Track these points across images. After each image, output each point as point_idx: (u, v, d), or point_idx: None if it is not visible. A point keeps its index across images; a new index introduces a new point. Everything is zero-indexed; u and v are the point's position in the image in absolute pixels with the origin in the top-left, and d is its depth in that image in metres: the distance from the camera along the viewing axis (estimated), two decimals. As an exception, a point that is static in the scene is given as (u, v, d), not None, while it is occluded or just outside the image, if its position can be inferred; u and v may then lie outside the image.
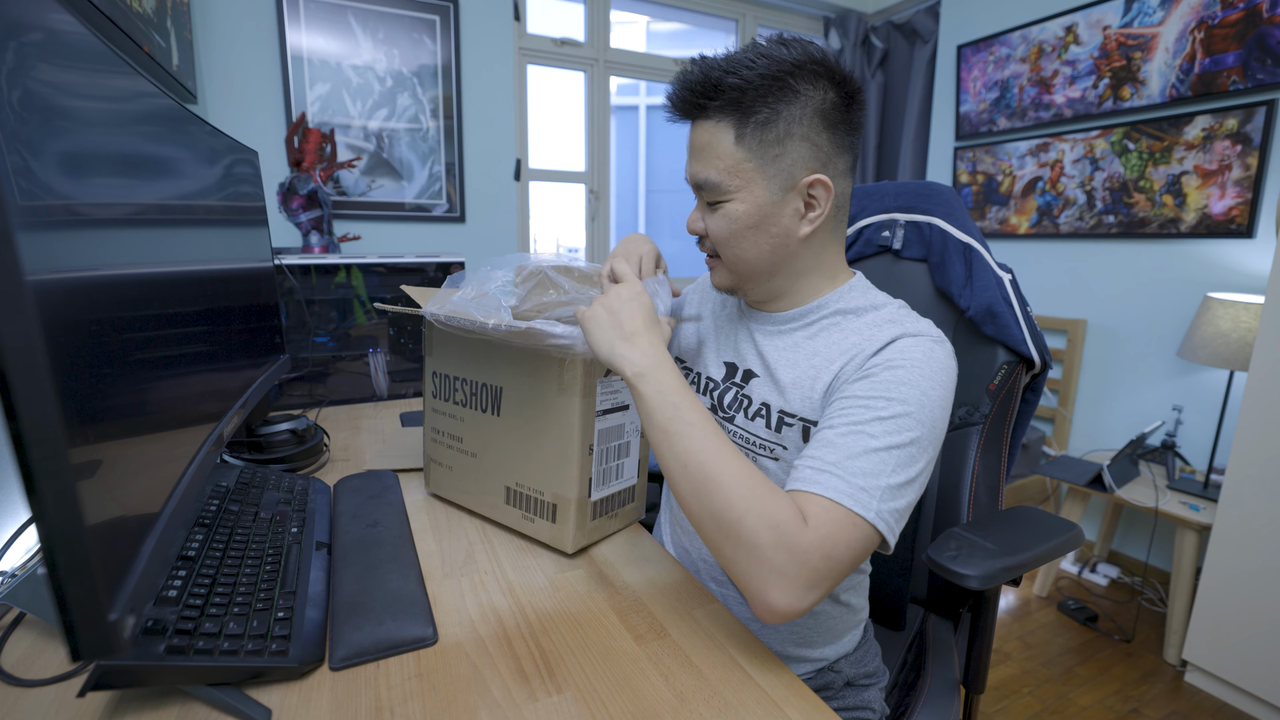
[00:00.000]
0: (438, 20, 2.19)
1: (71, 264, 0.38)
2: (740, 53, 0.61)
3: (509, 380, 0.73)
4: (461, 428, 0.79)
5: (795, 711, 0.48)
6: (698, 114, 0.63)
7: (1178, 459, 1.96)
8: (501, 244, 2.45)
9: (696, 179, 0.64)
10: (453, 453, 0.80)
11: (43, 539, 0.33)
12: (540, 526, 0.72)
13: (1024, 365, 0.87)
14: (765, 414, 0.68)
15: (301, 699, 0.48)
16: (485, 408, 0.75)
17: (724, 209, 0.64)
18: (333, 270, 1.48)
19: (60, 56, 0.41)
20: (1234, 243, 1.89)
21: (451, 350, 0.79)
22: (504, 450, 0.74)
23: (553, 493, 0.70)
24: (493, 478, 0.76)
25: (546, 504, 0.71)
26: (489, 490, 0.77)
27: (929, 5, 2.80)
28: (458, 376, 0.78)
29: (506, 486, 0.75)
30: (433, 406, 0.82)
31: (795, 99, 0.60)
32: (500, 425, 0.74)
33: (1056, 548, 0.73)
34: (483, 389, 0.75)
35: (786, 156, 0.61)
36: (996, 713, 1.53)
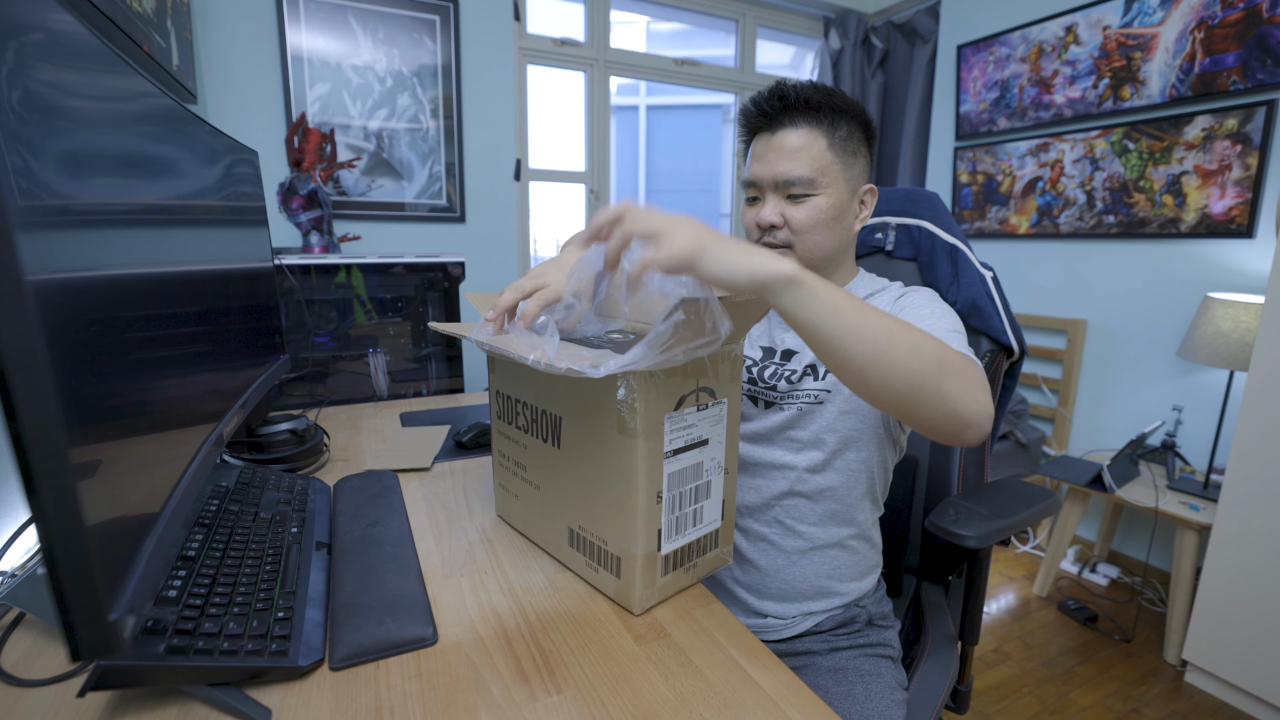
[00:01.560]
0: (438, 20, 2.19)
1: (71, 264, 0.38)
2: (821, 84, 0.78)
3: (568, 410, 0.63)
4: (525, 455, 0.71)
5: (795, 711, 0.48)
6: (792, 122, 0.76)
7: (1178, 459, 1.96)
8: (501, 244, 2.45)
9: (788, 175, 0.76)
10: (518, 480, 0.73)
11: (43, 539, 0.33)
12: (604, 579, 0.63)
13: (1004, 354, 0.96)
14: (812, 371, 0.79)
15: (301, 699, 0.48)
16: (546, 437, 0.67)
17: (811, 201, 0.77)
18: (333, 270, 1.48)
19: (60, 56, 0.41)
20: (1234, 243, 1.89)
21: (511, 369, 0.70)
22: (566, 488, 0.65)
23: (616, 545, 0.60)
24: (556, 515, 0.68)
25: (611, 555, 0.61)
26: (553, 528, 0.69)
27: (929, 5, 2.80)
28: (519, 399, 0.70)
29: (570, 528, 0.66)
30: (498, 428, 0.75)
31: (861, 126, 0.79)
32: (561, 459, 0.65)
33: (1040, 511, 0.85)
34: (543, 416, 0.67)
35: (855, 167, 0.79)
36: (996, 713, 1.53)
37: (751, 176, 0.79)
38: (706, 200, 4.71)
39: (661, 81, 2.78)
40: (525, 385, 0.69)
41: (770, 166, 0.77)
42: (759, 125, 0.79)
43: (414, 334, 1.60)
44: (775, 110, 0.77)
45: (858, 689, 0.73)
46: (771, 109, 0.77)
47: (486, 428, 1.09)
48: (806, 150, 0.76)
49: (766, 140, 0.78)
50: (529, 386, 0.68)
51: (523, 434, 0.70)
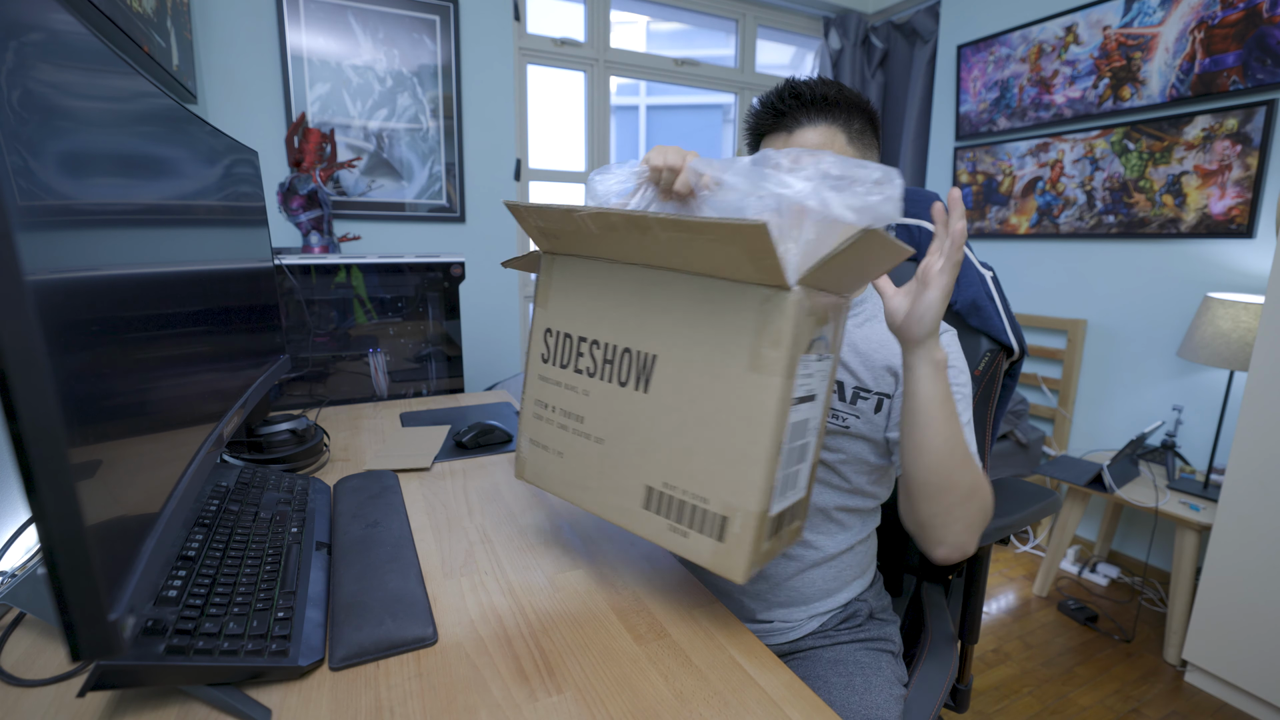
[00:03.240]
0: (438, 20, 2.19)
1: (71, 264, 0.38)
2: (828, 79, 0.75)
3: (670, 345, 0.55)
4: (584, 403, 0.60)
5: (795, 711, 0.48)
6: (810, 120, 0.74)
7: (1178, 459, 1.96)
8: (501, 244, 2.45)
9: None
10: (566, 435, 0.62)
11: (43, 539, 0.33)
12: (697, 543, 0.54)
13: (1004, 353, 0.96)
14: (839, 390, 0.77)
15: (301, 699, 0.48)
16: (626, 379, 0.57)
17: None
18: (333, 270, 1.48)
19: (60, 56, 0.41)
20: (1234, 243, 1.89)
21: (581, 300, 0.60)
22: (649, 438, 0.56)
23: (722, 501, 0.52)
24: (627, 472, 0.58)
25: (711, 516, 0.53)
26: (619, 488, 0.58)
27: (929, 5, 2.80)
28: (587, 337, 0.60)
29: (648, 486, 0.56)
30: (540, 373, 0.64)
31: (870, 120, 0.76)
32: (647, 404, 0.56)
33: (1039, 510, 0.85)
34: (624, 356, 0.57)
35: (871, 161, 0.75)
36: (996, 713, 1.53)
37: None
38: (706, 200, 4.70)
39: (661, 81, 2.78)
40: (603, 318, 0.59)
41: None
42: (771, 126, 0.76)
43: (414, 334, 1.60)
44: (791, 108, 0.74)
45: (858, 680, 0.74)
46: (787, 107, 0.74)
47: (487, 428, 1.09)
48: (828, 148, 0.72)
49: (784, 141, 0.74)
50: (609, 319, 0.58)
51: (585, 378, 0.60)
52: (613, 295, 0.58)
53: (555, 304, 0.63)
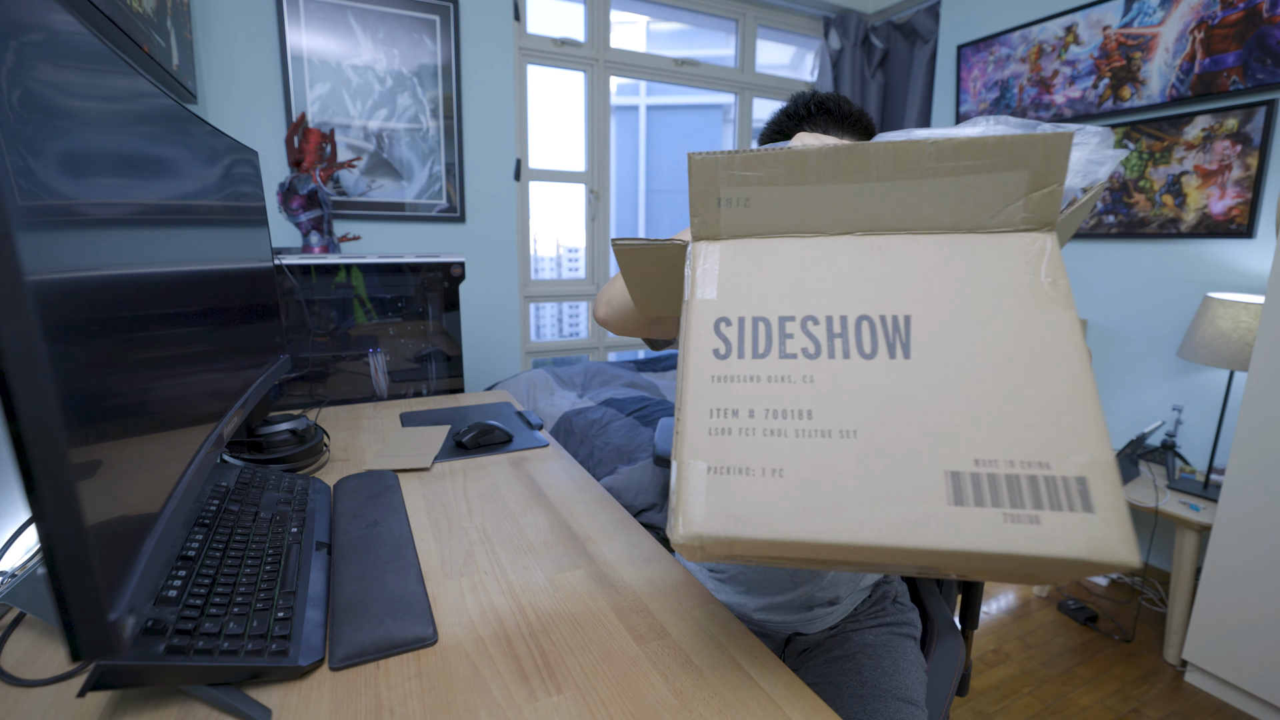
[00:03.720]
0: (438, 20, 2.19)
1: (71, 264, 0.38)
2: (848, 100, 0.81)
3: (922, 302, 0.45)
4: (809, 394, 0.44)
5: (795, 711, 0.48)
6: (841, 134, 0.78)
7: (1178, 459, 1.96)
8: (501, 244, 2.45)
9: None
10: (783, 442, 0.43)
11: (43, 539, 0.33)
12: (1058, 527, 0.38)
13: None
14: None
15: (301, 699, 0.48)
16: (872, 350, 0.45)
17: None
18: (333, 270, 1.48)
19: (60, 56, 0.41)
20: (1234, 243, 1.89)
21: (773, 279, 0.48)
22: (930, 410, 0.43)
23: (1068, 458, 0.39)
24: (909, 463, 0.41)
25: (1063, 481, 0.39)
26: (901, 491, 0.41)
27: (929, 5, 2.80)
28: (795, 315, 0.47)
29: (953, 472, 0.40)
30: (715, 372, 0.46)
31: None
32: (915, 372, 0.44)
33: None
34: (862, 325, 0.45)
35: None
36: (996, 713, 1.53)
37: None
38: (706, 200, 4.70)
39: (661, 81, 2.78)
40: (813, 294, 0.47)
41: None
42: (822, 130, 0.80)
43: (414, 334, 1.60)
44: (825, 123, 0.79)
45: (886, 663, 0.76)
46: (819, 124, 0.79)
47: (487, 428, 1.09)
48: None
49: None
50: (824, 293, 0.47)
51: (802, 362, 0.45)
52: (829, 265, 0.48)
53: (730, 289, 0.49)
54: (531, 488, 0.91)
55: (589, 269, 2.75)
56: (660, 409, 1.92)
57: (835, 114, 0.79)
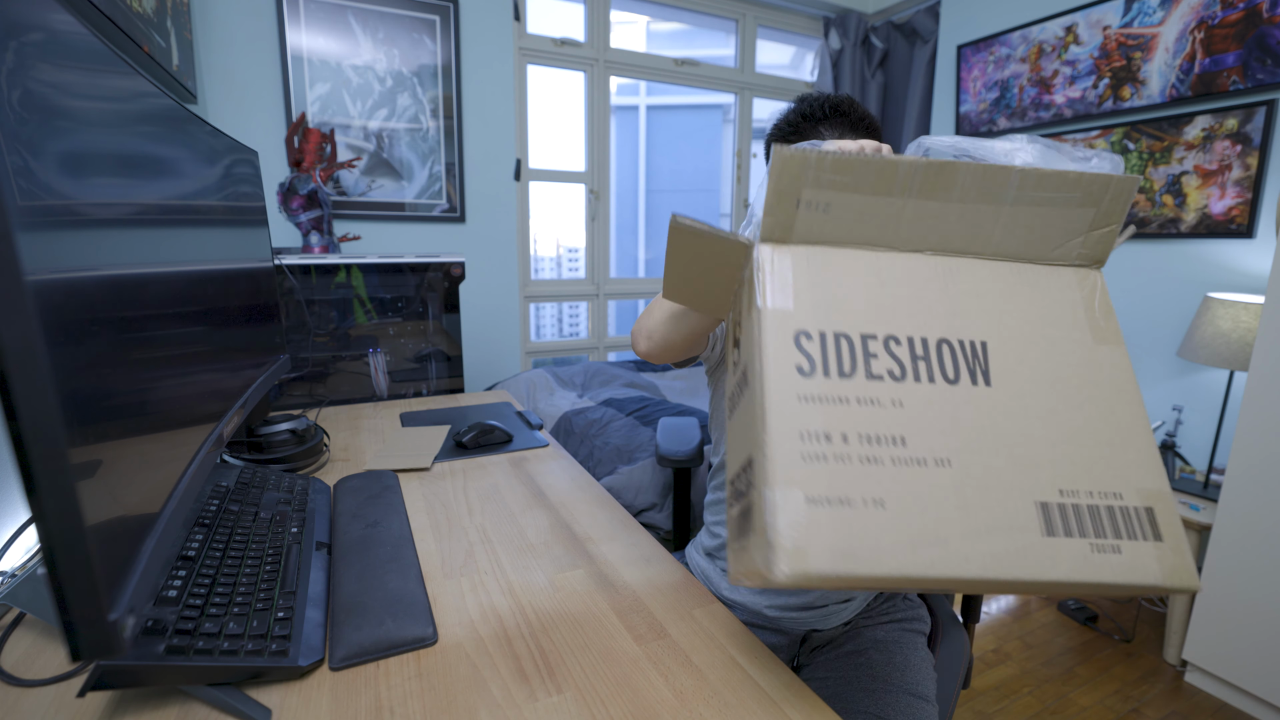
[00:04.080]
0: (438, 20, 2.19)
1: (71, 264, 0.38)
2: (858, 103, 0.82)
3: (997, 328, 0.46)
4: (901, 419, 0.43)
5: (795, 711, 0.48)
6: (855, 136, 0.79)
7: (1178, 459, 1.96)
8: (501, 244, 2.45)
9: None
10: (881, 471, 0.41)
11: (43, 539, 0.33)
12: (1135, 556, 0.41)
13: None
14: None
15: (301, 699, 0.48)
16: (956, 375, 0.44)
17: None
18: (333, 270, 1.48)
19: (60, 56, 0.41)
20: (1234, 243, 1.89)
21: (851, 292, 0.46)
22: (1015, 440, 0.43)
23: (1137, 489, 0.42)
24: (1002, 493, 0.42)
25: (1135, 512, 0.42)
26: (998, 522, 0.41)
27: (929, 5, 2.80)
28: (877, 334, 0.45)
29: (1042, 503, 0.42)
30: (801, 392, 0.43)
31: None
32: (997, 400, 0.44)
33: None
34: (942, 348, 0.45)
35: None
36: (997, 713, 1.53)
37: None
38: (706, 200, 4.72)
39: (661, 81, 2.78)
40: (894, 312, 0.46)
41: None
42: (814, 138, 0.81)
43: (414, 334, 1.60)
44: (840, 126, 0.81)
45: (898, 658, 0.77)
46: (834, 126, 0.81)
47: (487, 428, 1.09)
48: None
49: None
50: (904, 313, 0.46)
51: (889, 384, 0.44)
52: (904, 285, 0.46)
53: (807, 300, 0.45)
54: (531, 488, 0.91)
55: (589, 269, 2.75)
56: (660, 409, 1.92)
57: (850, 116, 0.80)
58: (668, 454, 1.17)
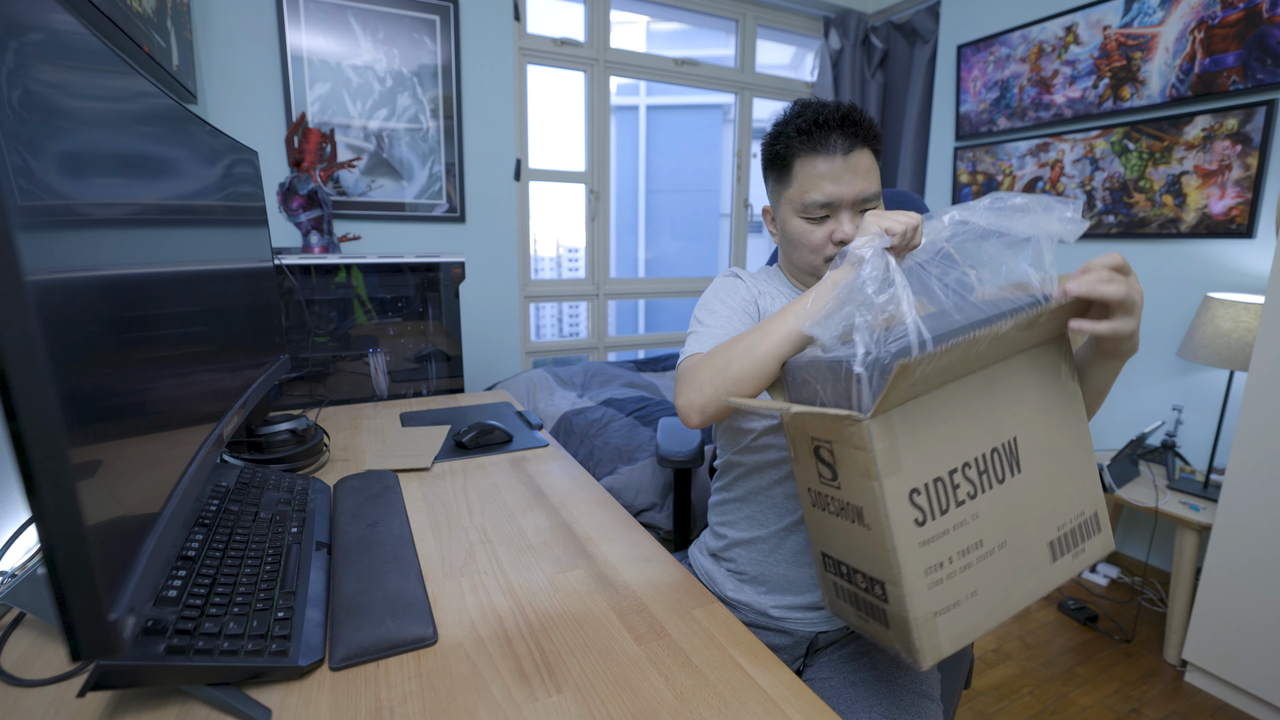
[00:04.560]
0: (438, 20, 2.19)
1: (71, 264, 0.38)
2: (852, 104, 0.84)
3: (1023, 420, 0.61)
4: (978, 528, 0.59)
5: (795, 711, 0.48)
6: (863, 145, 0.81)
7: (1178, 459, 1.96)
8: (501, 244, 2.45)
9: (866, 193, 0.81)
10: (971, 572, 0.59)
11: (43, 539, 0.33)
12: (1091, 549, 0.64)
13: None
14: None
15: (301, 699, 0.48)
16: (1003, 476, 0.60)
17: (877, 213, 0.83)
18: (333, 270, 1.48)
19: (60, 56, 0.41)
20: (1234, 243, 1.89)
21: (935, 437, 0.59)
22: (1036, 506, 0.61)
23: (1092, 503, 0.63)
24: (1033, 549, 0.61)
25: (1089, 520, 0.64)
26: (1032, 569, 0.61)
27: (929, 5, 2.80)
28: (957, 466, 0.59)
29: (1050, 542, 0.62)
30: (920, 539, 0.57)
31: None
32: (1026, 481, 0.61)
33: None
34: (994, 456, 0.60)
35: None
36: (996, 713, 1.53)
37: (831, 198, 0.81)
38: (706, 200, 4.72)
39: (661, 81, 2.78)
40: (962, 439, 0.59)
41: (851, 187, 0.81)
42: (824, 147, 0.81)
43: (414, 334, 1.60)
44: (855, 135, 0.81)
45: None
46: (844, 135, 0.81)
47: (487, 428, 1.09)
48: (873, 170, 0.83)
49: (841, 162, 0.81)
50: (970, 434, 0.59)
51: (969, 504, 0.59)
52: (964, 413, 0.59)
53: (910, 461, 0.57)
54: (531, 488, 0.91)
55: (589, 269, 2.75)
56: (660, 409, 1.92)
57: (860, 125, 0.81)
58: (668, 454, 1.17)
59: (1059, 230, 0.60)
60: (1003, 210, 0.62)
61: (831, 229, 0.82)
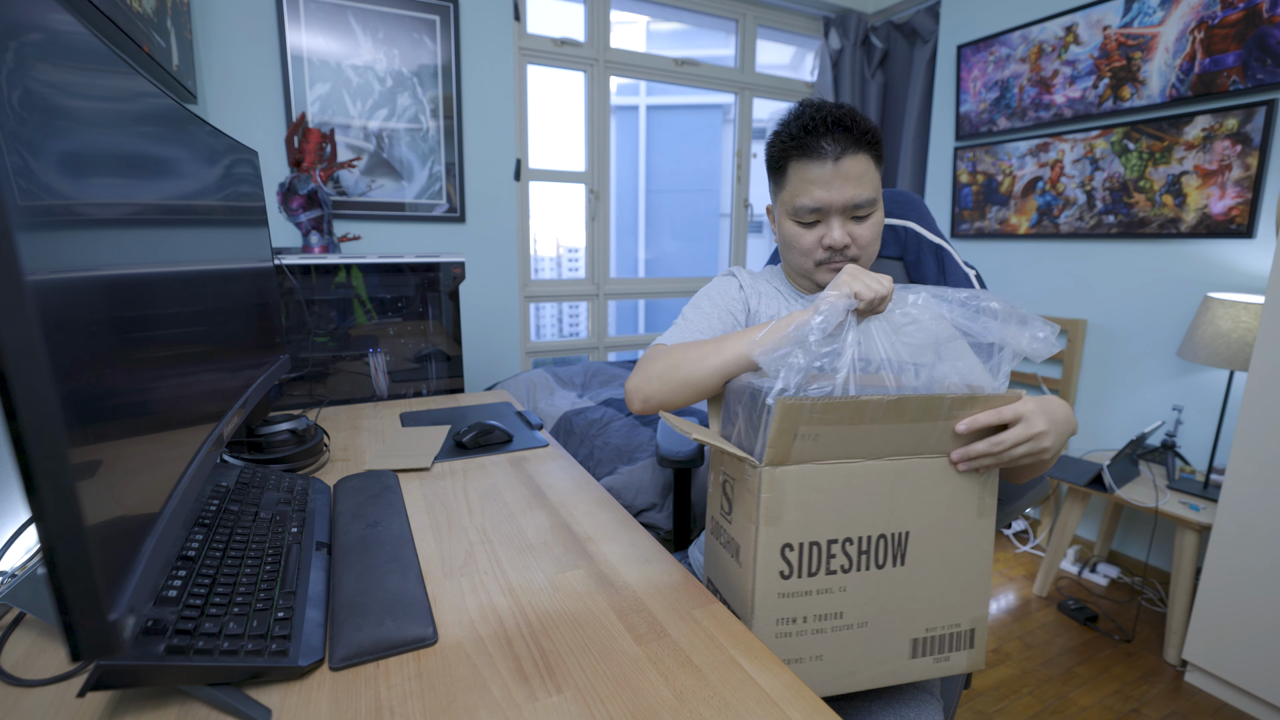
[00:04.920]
0: (438, 20, 2.19)
1: (71, 264, 0.38)
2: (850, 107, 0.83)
3: (919, 518, 0.64)
4: (841, 600, 0.64)
5: (795, 711, 0.48)
6: (856, 150, 0.80)
7: (1178, 459, 1.96)
8: (501, 244, 2.45)
9: (857, 199, 0.80)
10: (824, 638, 0.64)
11: (43, 539, 0.33)
12: (956, 660, 0.68)
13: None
14: None
15: (301, 699, 0.48)
16: (883, 562, 0.64)
17: (874, 218, 0.84)
18: (333, 270, 1.48)
19: (60, 56, 0.41)
20: (1234, 243, 1.89)
21: (826, 505, 0.62)
22: (908, 601, 0.65)
23: (970, 618, 0.67)
24: (892, 638, 0.66)
25: (964, 633, 0.68)
26: (887, 656, 0.66)
27: (929, 5, 2.80)
28: (838, 538, 0.63)
29: (913, 639, 0.66)
30: (780, 591, 0.62)
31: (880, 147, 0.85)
32: (905, 574, 0.65)
33: (1033, 496, 0.94)
34: (880, 542, 0.64)
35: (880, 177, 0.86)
36: (996, 713, 1.53)
37: (819, 203, 0.81)
38: (706, 200, 4.72)
39: (661, 81, 2.78)
40: (854, 516, 0.63)
41: (840, 193, 0.81)
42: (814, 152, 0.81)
43: (414, 334, 1.60)
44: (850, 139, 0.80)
45: None
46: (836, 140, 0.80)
47: (487, 428, 1.09)
48: (869, 175, 0.82)
49: (831, 167, 0.80)
50: (862, 516, 0.63)
51: (839, 576, 0.63)
52: (863, 492, 0.63)
53: (791, 518, 0.62)
54: (531, 488, 0.91)
55: (589, 269, 2.75)
56: (660, 409, 1.91)
57: (852, 131, 0.80)
58: (668, 454, 1.17)
59: (1027, 349, 0.63)
60: (975, 311, 0.65)
61: (822, 234, 0.83)
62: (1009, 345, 0.63)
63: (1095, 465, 1.93)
